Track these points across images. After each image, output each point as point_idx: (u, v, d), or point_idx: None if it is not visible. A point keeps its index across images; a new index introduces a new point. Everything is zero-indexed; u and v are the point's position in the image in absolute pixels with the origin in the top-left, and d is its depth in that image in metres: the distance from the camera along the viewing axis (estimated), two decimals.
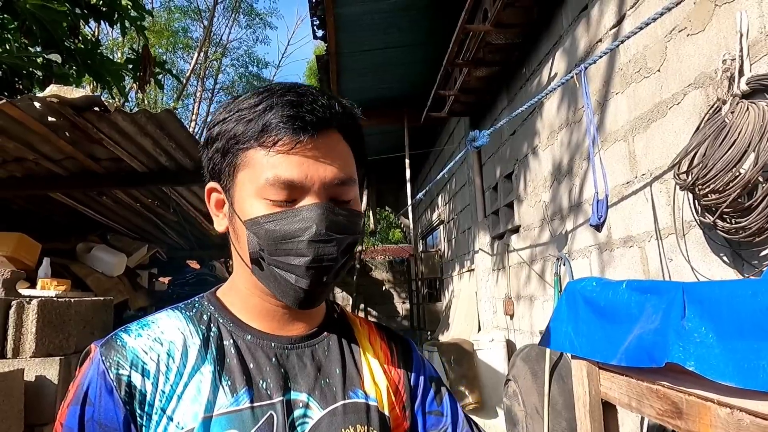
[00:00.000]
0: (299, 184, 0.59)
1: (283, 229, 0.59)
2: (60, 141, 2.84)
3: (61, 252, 4.05)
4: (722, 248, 1.92)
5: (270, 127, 0.59)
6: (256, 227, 0.60)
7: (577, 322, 1.18)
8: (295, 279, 0.60)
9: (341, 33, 5.27)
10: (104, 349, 0.60)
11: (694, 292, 0.83)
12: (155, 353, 0.60)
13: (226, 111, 0.63)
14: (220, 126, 0.63)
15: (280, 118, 0.59)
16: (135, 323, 0.64)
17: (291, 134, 0.59)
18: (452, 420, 0.72)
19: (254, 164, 0.60)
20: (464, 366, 4.56)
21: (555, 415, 2.81)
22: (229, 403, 0.59)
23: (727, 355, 0.73)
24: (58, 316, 2.31)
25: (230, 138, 0.61)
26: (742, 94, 1.72)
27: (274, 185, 0.59)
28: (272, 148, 0.59)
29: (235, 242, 0.64)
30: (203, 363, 0.61)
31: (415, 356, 0.76)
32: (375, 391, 0.67)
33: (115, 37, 15.15)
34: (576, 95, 3.14)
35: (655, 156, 2.33)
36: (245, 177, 0.61)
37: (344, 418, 0.63)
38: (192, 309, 0.67)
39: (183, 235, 5.33)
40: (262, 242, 0.60)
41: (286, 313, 0.66)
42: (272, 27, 25.05)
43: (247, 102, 0.62)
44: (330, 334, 0.69)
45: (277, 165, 0.59)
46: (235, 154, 0.61)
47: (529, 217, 4.02)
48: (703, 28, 2.00)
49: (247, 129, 0.60)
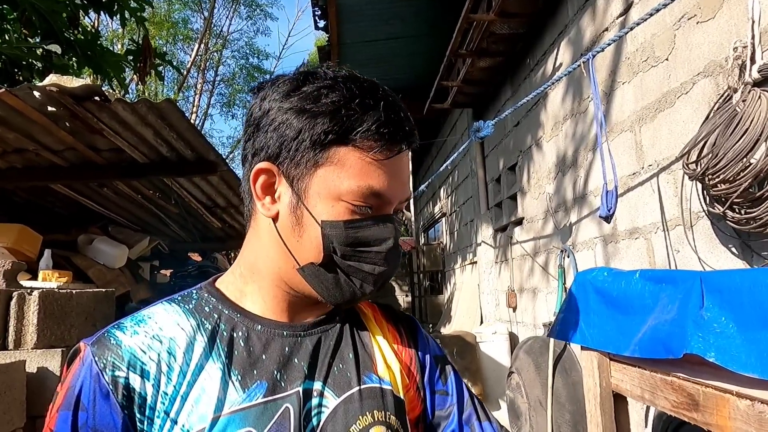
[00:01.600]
0: (385, 197, 0.59)
1: (364, 236, 0.59)
2: (60, 131, 2.81)
3: (62, 244, 4.03)
4: (731, 239, 1.89)
5: (371, 132, 0.57)
6: (335, 230, 0.58)
7: (587, 313, 1.16)
8: (360, 285, 0.60)
9: (343, 24, 5.22)
10: (96, 348, 0.56)
11: (713, 281, 0.81)
12: (155, 352, 0.56)
13: (306, 98, 0.58)
14: (299, 113, 0.58)
15: (381, 124, 0.57)
16: (128, 319, 0.60)
17: (388, 144, 0.58)
18: (458, 399, 0.71)
19: (343, 165, 0.57)
20: (467, 358, 4.56)
21: (558, 408, 2.80)
22: (241, 400, 0.56)
23: (749, 345, 0.71)
24: (59, 307, 2.30)
25: (321, 132, 0.57)
26: (754, 82, 1.69)
27: (364, 194, 0.58)
28: (368, 153, 0.57)
29: (287, 234, 0.60)
30: (208, 360, 0.57)
31: (420, 335, 0.74)
32: (389, 374, 0.66)
33: (115, 29, 15.08)
34: (581, 86, 3.10)
35: (662, 146, 2.30)
36: (328, 174, 0.58)
37: (361, 405, 0.61)
38: (190, 301, 0.63)
39: (185, 227, 5.31)
40: (337, 246, 0.58)
41: (300, 303, 0.64)
42: (273, 18, 24.90)
43: (338, 94, 0.57)
44: (340, 320, 0.68)
45: (371, 174, 0.58)
46: (322, 148, 0.57)
47: (532, 209, 3.99)
48: (714, 15, 1.96)
49: (344, 126, 0.56)
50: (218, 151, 3.36)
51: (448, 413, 0.69)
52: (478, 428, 0.69)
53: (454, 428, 0.69)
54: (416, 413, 0.67)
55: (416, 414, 0.67)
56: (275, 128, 0.59)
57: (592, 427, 1.18)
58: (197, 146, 3.13)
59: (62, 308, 2.32)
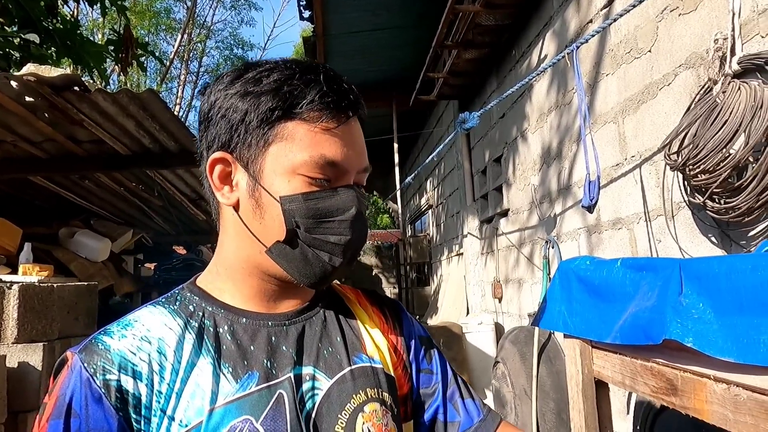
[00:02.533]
0: (341, 165, 0.59)
1: (325, 207, 0.58)
2: (39, 122, 2.75)
3: (43, 237, 3.97)
4: (711, 229, 1.92)
5: (315, 102, 0.58)
6: (295, 204, 0.58)
7: (570, 302, 1.18)
8: (329, 258, 0.60)
9: (329, 14, 5.17)
10: (84, 355, 0.56)
11: (691, 268, 0.83)
12: (145, 353, 0.57)
13: (249, 82, 0.59)
14: (243, 96, 0.59)
15: (326, 93, 0.58)
16: (115, 324, 0.60)
17: (335, 112, 0.59)
18: (442, 378, 0.73)
19: (293, 138, 0.58)
20: (453, 349, 4.60)
21: (543, 396, 2.84)
22: (234, 390, 0.57)
23: (726, 330, 0.73)
24: (40, 301, 2.27)
25: (266, 109, 0.58)
26: (734, 74, 1.71)
27: (318, 164, 0.58)
28: (316, 123, 0.58)
29: (251, 219, 0.61)
30: (199, 356, 0.58)
31: (405, 317, 0.76)
32: (378, 353, 0.67)
33: (95, 18, 14.77)
34: (566, 78, 3.12)
35: (644, 137, 2.32)
36: (280, 150, 0.58)
37: (354, 384, 0.62)
38: (175, 302, 0.63)
39: (169, 220, 5.25)
40: (299, 219, 0.58)
41: (280, 292, 0.65)
42: (257, 8, 24.60)
43: (282, 73, 0.59)
44: (323, 306, 0.69)
45: (322, 144, 0.58)
46: (270, 126, 0.58)
47: (517, 201, 4.02)
48: (695, 7, 1.98)
49: (288, 101, 0.58)
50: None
51: (433, 391, 0.72)
52: (461, 404, 0.72)
53: (438, 405, 0.71)
54: (404, 391, 0.69)
55: (404, 392, 0.69)
56: (222, 115, 0.60)
57: (575, 413, 1.20)
58: (181, 137, 3.09)
59: (43, 302, 2.28)
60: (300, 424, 0.57)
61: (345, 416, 0.60)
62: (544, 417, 2.83)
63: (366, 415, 0.61)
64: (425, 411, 0.71)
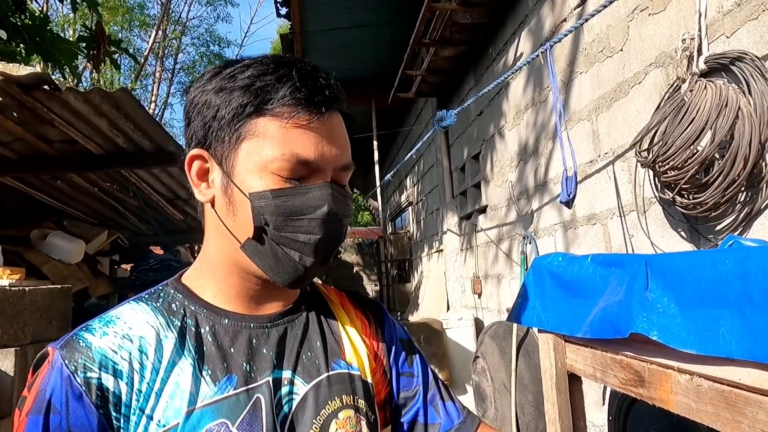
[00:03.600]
0: (314, 163, 0.58)
1: (295, 205, 0.57)
2: (7, 122, 2.68)
3: (14, 239, 3.87)
4: (680, 224, 1.98)
5: (286, 98, 0.57)
6: (263, 201, 0.57)
7: (543, 297, 1.20)
8: (299, 257, 0.59)
9: (306, 11, 5.14)
10: (65, 351, 0.55)
11: (657, 264, 0.85)
12: (126, 351, 0.57)
13: (225, 78, 0.59)
14: (224, 92, 0.59)
15: (298, 89, 0.57)
16: (96, 320, 0.60)
17: (308, 108, 0.57)
18: (423, 381, 0.74)
19: (264, 135, 0.57)
20: (434, 345, 4.63)
21: (522, 390, 2.89)
22: (212, 393, 0.57)
23: (688, 323, 0.76)
24: (11, 305, 2.21)
25: (238, 105, 0.58)
26: (701, 73, 1.76)
27: (289, 161, 0.57)
28: (288, 120, 0.57)
29: (225, 215, 0.60)
30: (180, 356, 0.58)
31: (387, 320, 0.77)
32: (356, 359, 0.68)
33: (65, 14, 14.39)
34: (542, 76, 3.16)
35: (617, 135, 2.37)
36: (252, 147, 0.58)
37: (329, 390, 0.63)
38: (158, 299, 0.63)
39: (145, 220, 5.17)
40: (268, 217, 0.57)
41: (262, 292, 0.65)
42: (234, 4, 24.28)
43: (256, 69, 0.59)
44: (307, 308, 0.69)
45: (294, 141, 0.57)
46: (242, 122, 0.58)
47: (496, 197, 4.07)
48: (664, 7, 2.03)
49: (259, 97, 0.57)
50: (178, 141, 3.27)
51: (414, 393, 0.73)
52: (441, 407, 0.73)
53: (419, 407, 0.72)
54: (382, 396, 0.70)
55: (382, 396, 0.70)
56: (198, 112, 0.61)
57: (549, 406, 1.23)
58: (155, 137, 3.05)
59: (15, 306, 2.23)
60: (276, 428, 0.58)
61: (319, 422, 0.61)
62: (523, 410, 2.88)
63: (340, 422, 0.62)
64: (405, 413, 0.72)
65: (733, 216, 1.72)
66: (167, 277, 0.68)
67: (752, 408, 0.69)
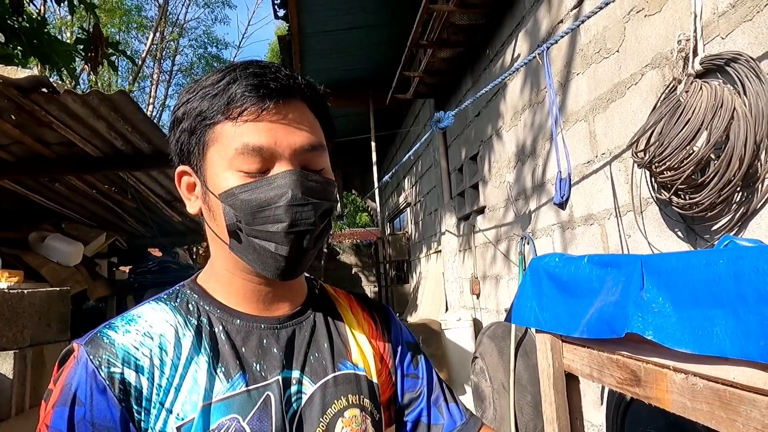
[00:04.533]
0: (268, 149, 0.59)
1: (259, 197, 0.59)
2: (5, 125, 2.68)
3: (12, 242, 3.87)
4: (677, 224, 1.99)
5: (235, 98, 0.59)
6: (231, 199, 0.59)
7: (541, 298, 1.21)
8: (275, 247, 0.59)
9: (304, 13, 5.15)
10: (90, 348, 0.58)
11: (652, 264, 0.86)
12: (147, 348, 0.60)
13: (190, 91, 0.63)
14: (184, 106, 0.62)
15: (245, 87, 0.59)
16: (119, 318, 0.63)
17: (256, 102, 0.59)
18: (427, 382, 0.76)
19: (223, 138, 0.60)
20: (432, 346, 4.64)
21: (520, 390, 2.89)
22: (225, 389, 0.60)
23: (682, 323, 0.76)
24: (10, 308, 2.21)
25: (196, 116, 0.60)
26: (696, 74, 1.77)
27: (243, 153, 0.58)
28: (239, 118, 0.59)
29: (210, 222, 0.64)
30: (197, 353, 0.61)
31: (393, 322, 0.79)
32: (362, 360, 0.70)
33: (63, 16, 14.37)
34: (539, 77, 3.17)
35: (614, 135, 2.38)
36: (215, 152, 0.60)
37: (336, 390, 0.65)
38: (176, 299, 0.66)
39: (143, 222, 5.17)
40: (238, 213, 0.59)
41: (270, 293, 0.67)
42: (231, 6, 24.20)
43: (210, 79, 0.61)
44: (314, 310, 0.71)
45: (245, 133, 0.59)
46: (203, 132, 0.61)
47: (493, 198, 4.08)
48: (660, 9, 2.04)
49: (213, 104, 0.60)
50: None
51: (418, 394, 0.75)
52: (444, 408, 0.75)
53: (422, 407, 0.74)
54: (387, 396, 0.72)
55: (387, 396, 0.72)
56: (171, 127, 0.64)
57: (546, 405, 1.24)
58: (153, 139, 3.05)
59: (13, 309, 2.23)
60: (285, 425, 0.60)
61: (326, 420, 0.63)
62: (521, 410, 2.88)
63: (345, 420, 0.64)
64: (410, 413, 0.74)
65: (729, 216, 1.73)
66: (165, 279, 0.70)
67: (746, 406, 0.69)
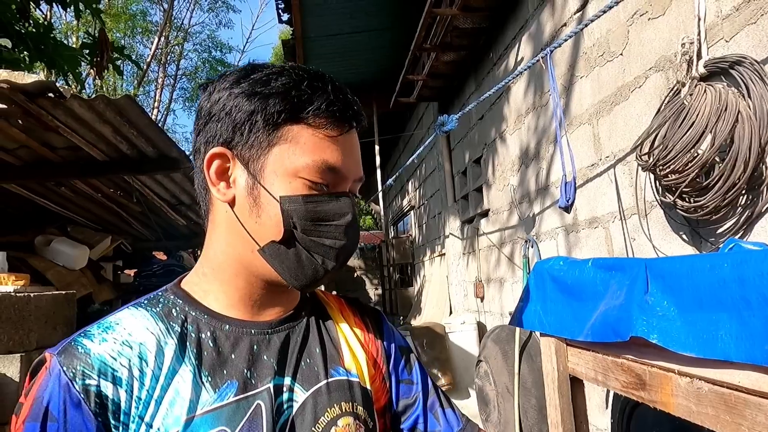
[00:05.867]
0: (341, 172, 0.61)
1: (323, 210, 0.60)
2: (12, 129, 2.70)
3: (18, 245, 3.89)
4: (681, 227, 1.98)
5: (321, 110, 0.59)
6: (294, 205, 0.59)
7: (545, 301, 1.21)
8: (322, 260, 0.61)
9: (307, 17, 5.17)
10: (63, 358, 0.54)
11: (656, 268, 0.86)
12: (125, 358, 0.56)
13: (256, 82, 0.60)
14: (249, 96, 0.59)
15: (332, 103, 0.60)
16: (95, 326, 0.59)
17: (339, 121, 0.60)
18: (422, 387, 0.74)
19: (297, 142, 0.59)
20: (437, 349, 4.63)
21: (525, 393, 2.89)
22: (212, 400, 0.56)
23: (687, 326, 0.76)
24: (16, 311, 2.23)
25: (274, 111, 0.59)
26: (700, 77, 1.78)
27: (320, 168, 0.59)
28: (320, 129, 0.59)
29: (245, 216, 0.60)
30: (180, 363, 0.58)
31: (386, 327, 0.77)
32: (355, 366, 0.68)
33: (69, 21, 14.49)
34: (542, 80, 3.17)
35: (618, 138, 2.38)
36: (283, 152, 0.59)
37: (329, 397, 0.63)
38: (157, 305, 0.62)
39: (148, 226, 5.19)
40: (297, 221, 0.59)
41: (265, 297, 0.65)
42: (236, 10, 24.39)
43: (288, 77, 0.60)
44: (306, 314, 0.69)
45: (325, 149, 0.60)
46: (275, 128, 0.59)
47: (497, 201, 4.07)
48: (663, 12, 2.05)
49: (296, 105, 0.59)
50: (181, 147, 3.29)
51: (414, 401, 0.73)
52: (441, 414, 0.73)
53: (418, 414, 0.72)
54: (382, 403, 0.70)
55: (382, 404, 0.70)
56: (227, 113, 0.61)
57: (551, 409, 1.24)
58: (159, 143, 3.06)
59: (20, 312, 2.24)
60: None
61: (318, 429, 0.60)
62: (526, 414, 2.87)
63: (339, 429, 0.61)
64: (405, 420, 0.72)
65: (734, 219, 1.73)
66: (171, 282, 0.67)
67: (752, 410, 0.69)
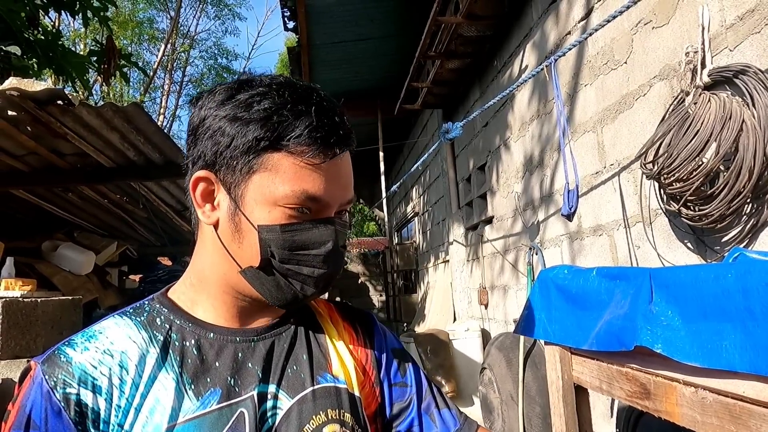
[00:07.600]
0: (322, 200, 0.60)
1: (301, 240, 0.59)
2: (21, 136, 2.74)
3: (25, 251, 3.92)
4: (686, 235, 1.98)
5: (302, 137, 0.57)
6: (271, 234, 0.58)
7: (550, 310, 1.21)
8: (301, 287, 0.61)
9: (313, 24, 5.22)
10: (47, 366, 0.55)
11: (661, 277, 0.87)
12: (106, 367, 0.57)
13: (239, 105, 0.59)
14: (232, 121, 0.58)
15: (313, 128, 0.58)
16: (79, 335, 0.59)
17: (322, 148, 0.58)
18: (417, 390, 0.73)
19: (277, 170, 0.58)
20: (440, 356, 4.62)
21: (529, 401, 2.88)
22: (195, 408, 0.56)
23: (691, 336, 0.77)
24: (24, 316, 2.24)
25: (253, 138, 0.57)
26: (705, 86, 1.78)
27: (298, 198, 0.58)
28: (301, 157, 0.58)
29: (228, 240, 0.61)
30: (161, 371, 0.58)
31: (376, 330, 0.76)
32: (343, 372, 0.67)
33: (77, 28, 14.64)
34: (546, 88, 3.19)
35: (622, 146, 2.39)
36: (263, 180, 0.58)
37: (314, 404, 0.62)
38: (142, 314, 0.62)
39: (154, 232, 5.22)
40: (275, 250, 0.59)
41: (254, 309, 0.65)
42: (242, 18, 24.57)
43: (270, 101, 0.58)
44: (294, 322, 0.68)
45: (305, 178, 0.58)
46: (255, 155, 0.58)
47: (502, 208, 4.08)
48: (668, 21, 2.06)
49: (276, 132, 0.57)
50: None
51: (408, 403, 0.71)
52: (437, 415, 0.72)
53: (413, 417, 0.71)
54: (373, 408, 0.69)
55: (373, 409, 0.69)
56: (210, 136, 0.60)
57: (556, 418, 1.24)
58: (165, 149, 3.09)
59: (27, 317, 2.26)
60: None
61: None
62: (530, 422, 2.86)
63: None
64: (400, 423, 0.71)
65: (739, 228, 1.73)
66: None
67: (756, 420, 0.69)
